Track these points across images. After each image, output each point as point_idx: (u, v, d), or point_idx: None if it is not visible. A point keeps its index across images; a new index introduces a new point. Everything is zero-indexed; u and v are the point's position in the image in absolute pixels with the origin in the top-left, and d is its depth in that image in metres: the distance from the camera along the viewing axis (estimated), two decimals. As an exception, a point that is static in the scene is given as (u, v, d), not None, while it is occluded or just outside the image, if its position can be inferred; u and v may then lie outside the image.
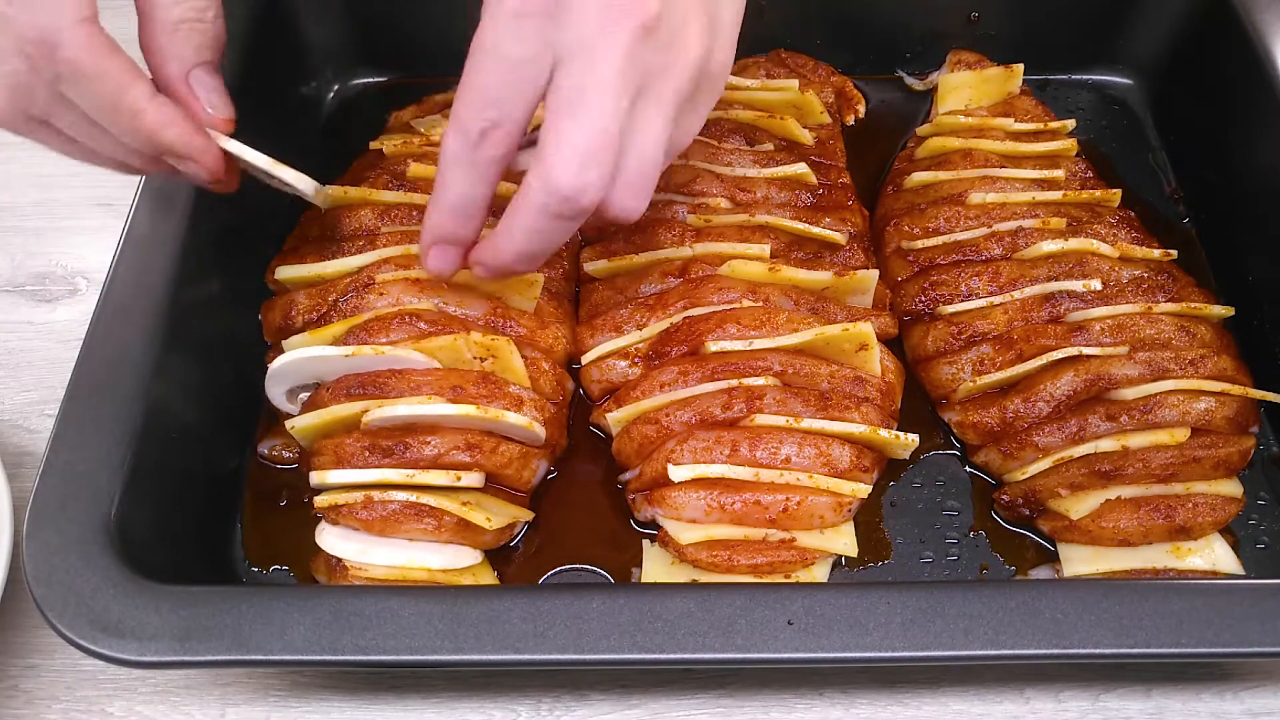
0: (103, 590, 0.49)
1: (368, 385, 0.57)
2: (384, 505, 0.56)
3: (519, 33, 0.47)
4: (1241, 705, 0.57)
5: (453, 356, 0.59)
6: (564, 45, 0.47)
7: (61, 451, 0.53)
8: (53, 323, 0.73)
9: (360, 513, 0.56)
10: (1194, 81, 0.79)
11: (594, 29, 0.46)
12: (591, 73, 0.47)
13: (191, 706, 0.57)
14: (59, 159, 0.53)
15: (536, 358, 0.61)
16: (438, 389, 0.57)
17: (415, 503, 0.56)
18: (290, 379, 0.60)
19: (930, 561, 0.60)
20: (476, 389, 0.57)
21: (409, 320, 0.59)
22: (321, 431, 0.59)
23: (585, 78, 0.47)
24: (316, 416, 0.58)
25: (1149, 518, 0.58)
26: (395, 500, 0.56)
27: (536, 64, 0.47)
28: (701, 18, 0.50)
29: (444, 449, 0.56)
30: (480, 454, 0.57)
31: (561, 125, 0.47)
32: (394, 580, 0.56)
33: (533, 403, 0.59)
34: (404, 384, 0.57)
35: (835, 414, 0.58)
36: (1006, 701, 0.57)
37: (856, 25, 0.82)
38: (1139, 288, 0.64)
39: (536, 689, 0.57)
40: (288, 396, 0.61)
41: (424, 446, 0.56)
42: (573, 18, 0.46)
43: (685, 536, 0.57)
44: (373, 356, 0.58)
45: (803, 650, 0.48)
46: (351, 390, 0.58)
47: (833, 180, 0.72)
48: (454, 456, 0.56)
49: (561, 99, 0.47)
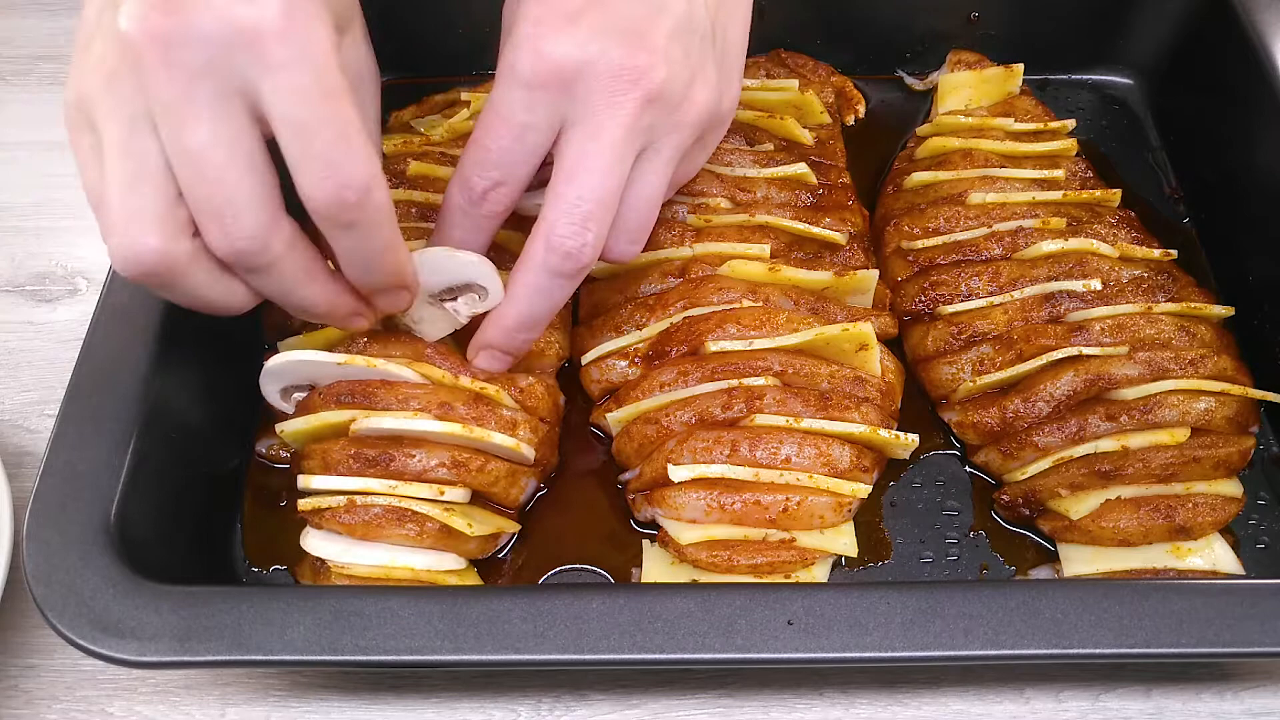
0: (103, 590, 0.49)
1: (357, 394, 0.57)
2: (366, 510, 0.55)
3: (529, 103, 0.50)
4: (1241, 705, 0.57)
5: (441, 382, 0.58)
6: (572, 112, 0.50)
7: (61, 451, 0.53)
8: (53, 323, 0.73)
9: (343, 516, 0.55)
10: (1194, 81, 0.79)
11: (601, 99, 0.49)
12: (595, 140, 0.50)
13: (191, 706, 0.57)
14: (59, 159, 0.53)
15: (532, 384, 0.60)
16: (426, 404, 0.56)
17: (397, 507, 0.55)
18: (283, 379, 0.59)
19: (930, 561, 0.60)
20: (467, 408, 0.57)
21: (406, 338, 0.59)
22: (311, 436, 0.58)
23: (588, 145, 0.50)
24: (305, 422, 0.57)
25: (1149, 518, 0.58)
26: (377, 505, 0.55)
27: (543, 130, 0.51)
28: (709, 72, 0.53)
29: (429, 463, 0.56)
30: (466, 471, 0.56)
31: (563, 190, 0.51)
32: (377, 579, 0.55)
33: (526, 424, 0.58)
34: (393, 396, 0.56)
35: (835, 414, 0.58)
36: (1006, 701, 0.57)
37: (856, 25, 0.82)
38: (1139, 288, 0.64)
39: (536, 689, 0.57)
40: (282, 395, 0.61)
41: (409, 459, 0.55)
42: (584, 85, 0.49)
43: (685, 536, 0.57)
44: (365, 367, 0.57)
45: (803, 650, 0.48)
46: (342, 398, 0.57)
47: (833, 180, 0.72)
48: (439, 472, 0.56)
49: (565, 163, 0.51)
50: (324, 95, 0.44)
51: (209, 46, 0.42)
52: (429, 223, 0.65)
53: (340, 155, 0.44)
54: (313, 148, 0.44)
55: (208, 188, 0.44)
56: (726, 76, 0.55)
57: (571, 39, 0.49)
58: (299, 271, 0.48)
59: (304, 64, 0.43)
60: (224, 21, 0.42)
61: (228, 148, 0.43)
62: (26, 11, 0.91)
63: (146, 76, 0.42)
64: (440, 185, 0.66)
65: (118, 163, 0.44)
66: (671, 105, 0.51)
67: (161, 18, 0.42)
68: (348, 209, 0.45)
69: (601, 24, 0.49)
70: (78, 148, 0.47)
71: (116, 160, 0.44)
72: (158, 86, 0.43)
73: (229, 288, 0.49)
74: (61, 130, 0.47)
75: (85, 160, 0.46)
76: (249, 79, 0.43)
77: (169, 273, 0.46)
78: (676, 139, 0.53)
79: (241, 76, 0.43)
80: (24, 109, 0.84)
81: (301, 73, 0.43)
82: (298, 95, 0.43)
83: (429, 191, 0.66)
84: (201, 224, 0.45)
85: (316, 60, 0.43)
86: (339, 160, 0.44)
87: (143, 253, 0.45)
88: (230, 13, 0.42)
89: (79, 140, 0.46)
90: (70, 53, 0.47)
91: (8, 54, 0.88)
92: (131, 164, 0.44)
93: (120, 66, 0.43)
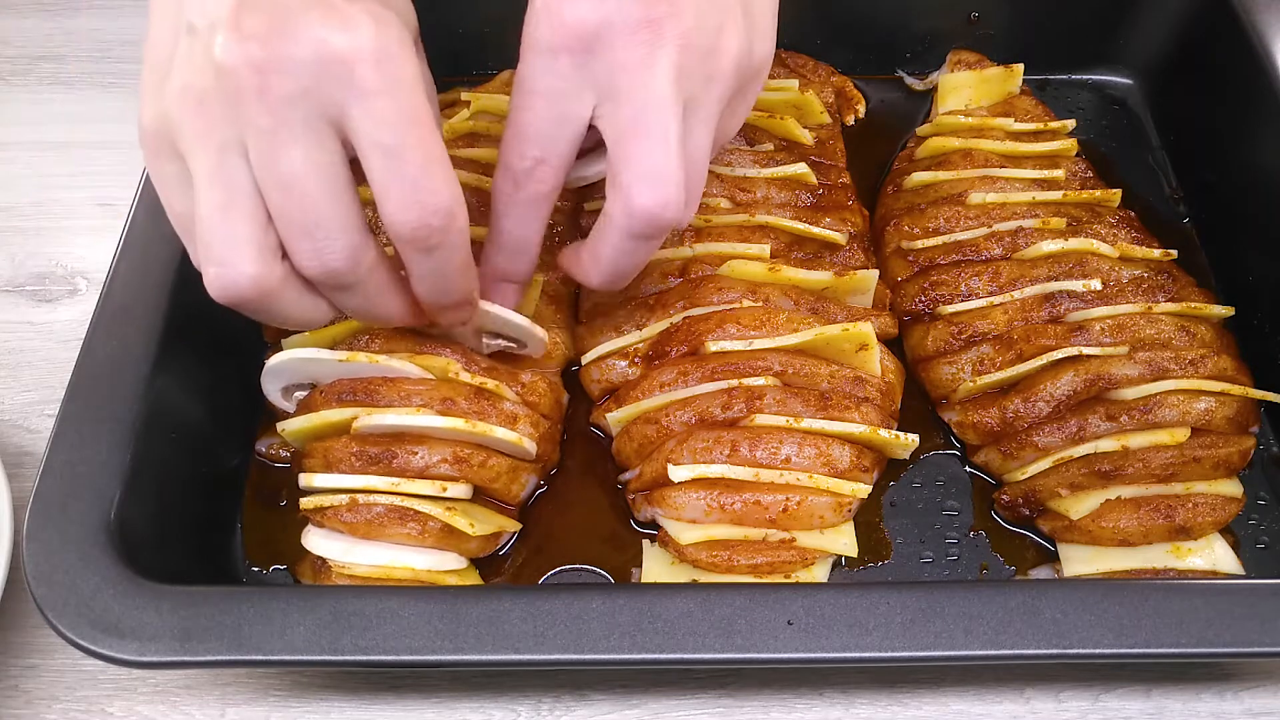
0: (103, 590, 0.49)
1: (359, 391, 0.57)
2: (368, 508, 0.55)
3: (554, 67, 0.48)
4: (1241, 705, 0.57)
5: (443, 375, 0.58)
6: (606, 74, 0.48)
7: (61, 451, 0.53)
8: (53, 323, 0.73)
9: (345, 515, 0.55)
10: (1194, 81, 0.79)
11: (635, 53, 0.47)
12: (646, 92, 0.48)
13: (191, 706, 0.57)
14: (59, 159, 0.53)
15: (534, 380, 0.61)
16: (428, 400, 0.56)
17: (399, 506, 0.55)
18: (285, 377, 0.59)
19: (930, 561, 0.60)
20: (469, 403, 0.57)
21: (409, 334, 0.59)
22: (313, 434, 0.58)
23: (641, 99, 0.48)
24: (306, 420, 0.58)
25: (1149, 518, 0.58)
26: (379, 504, 0.55)
27: (575, 97, 0.49)
28: (737, 17, 0.50)
29: (431, 460, 0.56)
30: (468, 467, 0.56)
31: (630, 149, 0.49)
32: (378, 579, 0.55)
33: (527, 419, 0.59)
34: (395, 392, 0.57)
35: (835, 414, 0.58)
36: (1006, 701, 0.57)
37: (856, 25, 0.82)
38: (1139, 288, 0.64)
39: (536, 689, 0.57)
40: (283, 394, 0.61)
41: (411, 456, 0.56)
42: (607, 46, 0.47)
43: (685, 536, 0.57)
44: (366, 364, 0.57)
45: (803, 650, 0.48)
46: (343, 396, 0.57)
47: (833, 180, 0.72)
48: (441, 468, 0.56)
49: (623, 124, 0.48)
50: (413, 122, 0.44)
51: (305, 74, 0.42)
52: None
53: (427, 181, 0.45)
54: (400, 173, 0.44)
55: (301, 212, 0.45)
56: (756, 25, 0.52)
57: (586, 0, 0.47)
58: (382, 287, 0.50)
59: (395, 91, 0.43)
60: (319, 49, 0.42)
61: (320, 172, 0.44)
62: (26, 11, 0.91)
63: (242, 104, 0.43)
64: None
65: (209, 191, 0.45)
66: (703, 53, 0.49)
67: (259, 48, 0.42)
68: (432, 233, 0.46)
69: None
70: (161, 175, 0.47)
71: (208, 188, 0.45)
72: (252, 114, 0.43)
73: (314, 304, 0.49)
74: (61, 130, 0.47)
75: (170, 188, 0.47)
76: (341, 104, 0.43)
77: (264, 297, 0.47)
78: (717, 90, 0.50)
79: (334, 102, 0.43)
80: (24, 109, 0.84)
81: (392, 100, 0.43)
82: (388, 122, 0.44)
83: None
84: (292, 246, 0.46)
85: (406, 87, 0.44)
86: (426, 186, 0.45)
87: (240, 280, 0.46)
88: (325, 41, 0.42)
89: (162, 168, 0.46)
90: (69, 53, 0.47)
91: (8, 54, 0.88)
92: (223, 192, 0.45)
93: (211, 94, 0.43)
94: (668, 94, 0.48)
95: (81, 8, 0.91)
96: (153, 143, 0.46)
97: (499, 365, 0.60)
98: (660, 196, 0.48)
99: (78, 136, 0.82)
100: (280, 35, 0.42)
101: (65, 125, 0.82)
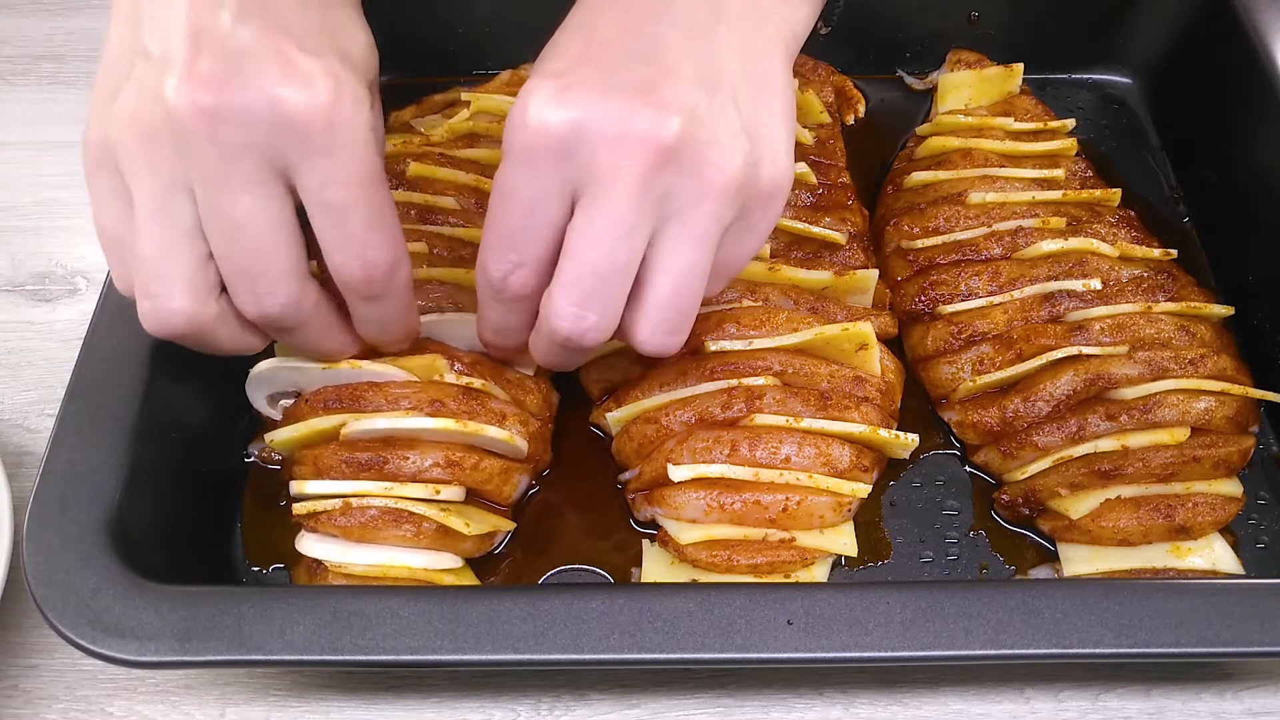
0: (103, 590, 0.49)
1: (345, 398, 0.57)
2: (362, 511, 0.55)
3: (532, 171, 0.45)
4: (1241, 705, 0.57)
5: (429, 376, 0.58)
6: (580, 180, 0.45)
7: (61, 451, 0.53)
8: (53, 323, 0.73)
9: (339, 519, 0.55)
10: (1194, 81, 0.79)
11: (607, 161, 0.44)
12: (602, 208, 0.45)
13: (191, 706, 0.57)
14: (59, 159, 0.53)
15: (521, 378, 0.61)
16: (417, 402, 0.56)
17: (394, 509, 0.55)
18: (269, 386, 0.59)
19: (930, 561, 0.60)
20: (458, 403, 0.56)
21: None
22: (301, 443, 0.58)
23: (596, 214, 0.45)
24: (294, 430, 0.57)
25: (1149, 517, 0.58)
26: (373, 506, 0.55)
27: (552, 202, 0.46)
28: (736, 133, 0.46)
29: (424, 464, 0.55)
30: (460, 470, 0.56)
31: (564, 266, 0.46)
32: (374, 578, 0.55)
33: (516, 417, 0.58)
34: (382, 396, 0.56)
35: (835, 414, 0.58)
36: (1006, 701, 0.57)
37: (856, 25, 0.82)
38: (1139, 287, 0.64)
39: (536, 689, 0.57)
40: (269, 402, 0.61)
41: (403, 461, 0.55)
42: (585, 151, 0.44)
43: (685, 536, 0.57)
44: (350, 370, 0.57)
45: (803, 650, 0.48)
46: (329, 403, 0.57)
47: (833, 180, 0.72)
48: (434, 472, 0.56)
49: (572, 236, 0.46)
50: (361, 182, 0.45)
51: (256, 128, 0.43)
52: (429, 224, 0.65)
53: (372, 237, 0.46)
54: (345, 231, 0.45)
55: (244, 257, 0.45)
56: (760, 146, 0.47)
57: (563, 102, 0.44)
58: (323, 328, 0.51)
59: (345, 152, 0.44)
60: (273, 107, 0.42)
61: (265, 220, 0.45)
62: (26, 11, 0.91)
63: (190, 147, 0.43)
64: (440, 186, 0.66)
65: (152, 225, 0.45)
66: (692, 166, 0.44)
67: (210, 96, 0.42)
68: (374, 285, 0.48)
69: (597, 80, 0.44)
70: (95, 185, 0.47)
71: (149, 222, 0.45)
72: (200, 158, 0.43)
73: (249, 340, 0.51)
74: (61, 130, 0.48)
75: (102, 199, 0.47)
76: (290, 159, 0.44)
77: (199, 333, 0.48)
78: (708, 209, 0.46)
79: (283, 156, 0.44)
80: (24, 109, 0.84)
81: (342, 161, 0.44)
82: (336, 181, 0.44)
83: (428, 193, 0.66)
84: (233, 289, 0.47)
85: (358, 148, 0.44)
86: (370, 242, 0.46)
87: (174, 316, 0.47)
88: (280, 99, 0.42)
89: (98, 178, 0.47)
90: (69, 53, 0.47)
91: (8, 54, 0.88)
92: (165, 228, 0.45)
93: (160, 129, 0.44)
94: (625, 208, 0.44)
95: (81, 8, 0.91)
96: (95, 154, 0.46)
97: (484, 360, 0.60)
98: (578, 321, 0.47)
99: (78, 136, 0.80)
100: (233, 85, 0.42)
101: (65, 125, 0.82)
